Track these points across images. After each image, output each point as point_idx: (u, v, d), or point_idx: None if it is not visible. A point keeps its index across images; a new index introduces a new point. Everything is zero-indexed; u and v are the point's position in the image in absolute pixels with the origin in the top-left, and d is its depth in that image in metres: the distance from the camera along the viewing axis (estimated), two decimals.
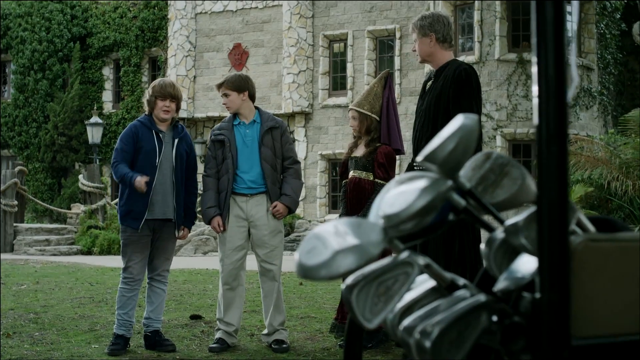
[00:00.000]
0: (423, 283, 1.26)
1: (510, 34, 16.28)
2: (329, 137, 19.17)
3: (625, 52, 18.98)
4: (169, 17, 20.90)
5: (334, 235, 1.15)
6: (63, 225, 18.60)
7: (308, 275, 1.12)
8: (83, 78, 22.60)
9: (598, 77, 17.28)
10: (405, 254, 1.18)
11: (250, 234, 5.24)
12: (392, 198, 1.19)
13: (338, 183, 20.34)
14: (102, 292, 8.29)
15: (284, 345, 5.14)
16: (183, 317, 6.49)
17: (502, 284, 1.17)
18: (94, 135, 20.08)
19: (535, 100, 1.04)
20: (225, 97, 5.27)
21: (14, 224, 17.31)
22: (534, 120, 1.05)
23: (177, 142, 5.21)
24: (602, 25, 17.53)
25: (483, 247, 1.25)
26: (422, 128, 4.54)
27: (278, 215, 5.21)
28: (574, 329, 1.06)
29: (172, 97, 5.20)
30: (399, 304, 1.22)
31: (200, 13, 20.58)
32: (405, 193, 1.18)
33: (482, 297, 1.13)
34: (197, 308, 7.00)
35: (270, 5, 19.75)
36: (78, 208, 18.62)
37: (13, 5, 23.24)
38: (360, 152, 5.28)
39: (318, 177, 19.19)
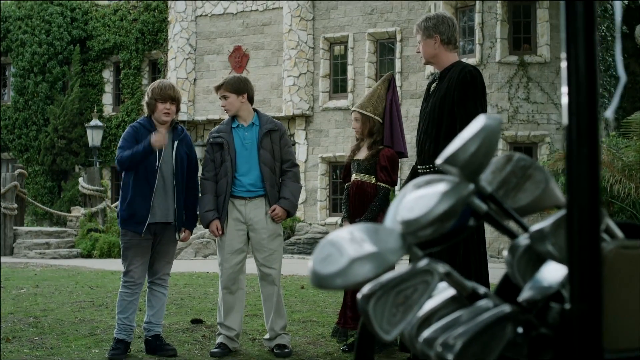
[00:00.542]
0: (441, 292, 1.21)
1: (511, 37, 16.24)
2: (330, 139, 19.12)
3: (627, 54, 18.95)
4: (169, 19, 20.86)
5: (350, 242, 1.09)
6: (63, 229, 18.55)
7: (323, 284, 1.06)
8: (83, 81, 22.55)
9: (599, 79, 17.22)
10: (425, 262, 1.12)
11: (249, 238, 5.19)
12: (410, 202, 1.13)
13: (338, 186, 20.22)
14: (102, 295, 8.23)
15: (286, 350, 5.10)
16: (184, 321, 6.43)
17: (527, 294, 1.11)
18: (94, 138, 20.02)
19: (565, 99, 0.99)
20: (224, 99, 5.21)
21: (14, 227, 17.26)
22: (563, 121, 1.00)
23: (176, 144, 5.16)
24: (603, 28, 17.49)
25: (506, 253, 1.20)
26: (426, 131, 4.49)
27: (277, 219, 5.16)
28: (606, 342, 1.00)
29: (172, 99, 5.16)
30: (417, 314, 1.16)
31: (201, 16, 20.54)
32: (425, 197, 1.12)
33: (507, 307, 1.07)
34: (198, 312, 6.95)
35: (271, 8, 19.71)
36: (78, 211, 18.57)
37: (13, 8, 23.20)
38: (363, 154, 5.23)
39: (319, 180, 19.13)
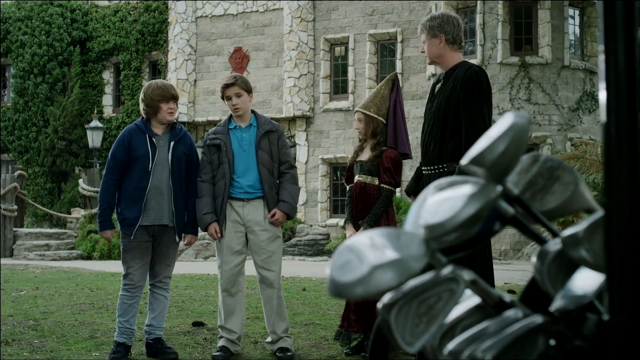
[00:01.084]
0: (464, 300, 1.15)
1: (513, 37, 16.20)
2: (330, 141, 19.07)
3: None
4: (170, 20, 20.81)
5: (370, 248, 1.03)
6: (63, 230, 18.50)
7: (342, 293, 1.00)
8: (83, 82, 22.50)
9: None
10: (449, 269, 1.06)
11: (248, 240, 5.13)
12: (434, 206, 1.07)
13: (339, 187, 20.20)
14: (102, 298, 8.18)
15: (289, 354, 5.04)
16: (185, 324, 6.37)
17: (559, 303, 1.05)
18: (94, 140, 19.99)
19: (603, 96, 0.93)
20: (237, 97, 5.12)
21: (14, 229, 17.21)
22: (602, 118, 0.94)
23: (173, 144, 5.09)
24: None
25: (534, 259, 1.13)
26: (430, 131, 4.43)
27: (277, 223, 5.11)
28: None
29: (174, 98, 5.12)
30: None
31: (201, 17, 20.49)
32: (450, 200, 1.06)
33: (538, 318, 1.01)
34: (199, 314, 6.89)
35: (271, 9, 19.66)
36: (78, 212, 18.52)
37: (13, 9, 23.16)
38: (366, 156, 5.16)
39: (319, 181, 19.08)
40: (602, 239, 0.96)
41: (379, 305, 1.05)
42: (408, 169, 14.87)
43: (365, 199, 5.09)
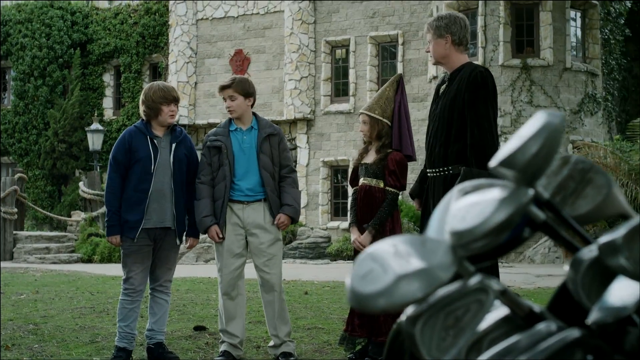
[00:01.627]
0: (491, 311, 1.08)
1: (514, 40, 16.14)
2: (331, 143, 19.02)
3: (630, 57, 18.86)
4: (170, 23, 20.77)
5: (394, 257, 0.96)
6: (63, 233, 18.45)
7: (364, 305, 0.94)
8: (83, 84, 22.46)
9: (602, 82, 17.14)
10: (477, 278, 1.00)
11: (248, 243, 5.07)
12: (462, 211, 1.01)
13: (340, 190, 20.15)
14: (103, 301, 8.12)
15: (292, 359, 4.98)
16: (186, 328, 6.31)
17: (596, 315, 0.98)
18: (95, 142, 19.95)
19: None
20: (231, 99, 5.05)
21: (14, 232, 17.16)
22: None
23: (174, 146, 5.04)
24: (606, 31, 17.40)
25: (567, 268, 1.06)
26: (435, 133, 4.38)
27: (282, 227, 5.05)
28: None
29: (175, 100, 5.06)
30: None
31: (202, 19, 20.45)
32: (479, 205, 0.99)
33: (575, 332, 0.95)
34: (200, 318, 6.83)
35: (272, 11, 19.62)
36: (78, 215, 18.47)
37: (13, 12, 23.12)
38: (371, 158, 5.10)
39: (320, 184, 19.02)
40: None
41: (402, 318, 0.99)
42: (410, 172, 14.81)
43: (370, 202, 5.02)
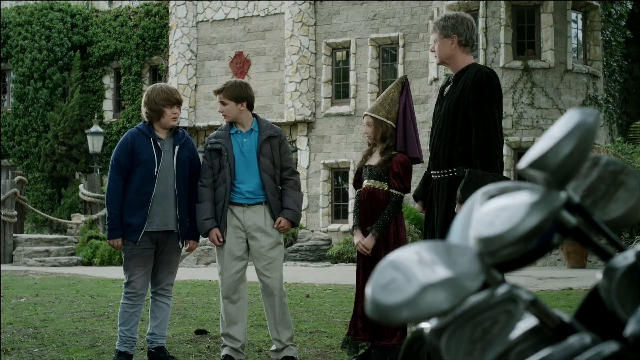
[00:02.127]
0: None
1: (515, 42, 16.09)
2: (332, 146, 18.96)
3: (631, 59, 18.82)
4: (170, 25, 20.73)
5: (419, 265, 0.90)
6: (63, 236, 18.39)
7: (385, 317, 0.87)
8: (83, 87, 22.41)
9: (604, 84, 17.10)
10: (506, 288, 0.94)
11: (249, 246, 5.02)
12: (489, 216, 0.94)
13: (341, 192, 20.06)
14: (103, 305, 8.06)
15: None
16: (188, 331, 6.26)
17: (635, 327, 0.93)
18: (95, 145, 19.89)
19: None
20: (222, 104, 5.02)
21: (14, 235, 17.11)
22: None
23: (177, 149, 5.00)
24: (607, 33, 17.36)
25: (599, 277, 1.00)
26: (440, 134, 4.33)
27: (282, 231, 5.01)
28: None
29: (178, 102, 5.01)
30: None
31: (202, 21, 20.41)
32: (508, 209, 0.93)
33: (612, 345, 0.89)
34: (201, 322, 6.77)
35: (272, 13, 19.57)
36: (78, 218, 18.40)
37: (13, 14, 23.07)
38: (375, 160, 5.05)
39: (321, 186, 18.96)
40: None
41: (427, 330, 0.93)
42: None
43: (374, 204, 4.97)
